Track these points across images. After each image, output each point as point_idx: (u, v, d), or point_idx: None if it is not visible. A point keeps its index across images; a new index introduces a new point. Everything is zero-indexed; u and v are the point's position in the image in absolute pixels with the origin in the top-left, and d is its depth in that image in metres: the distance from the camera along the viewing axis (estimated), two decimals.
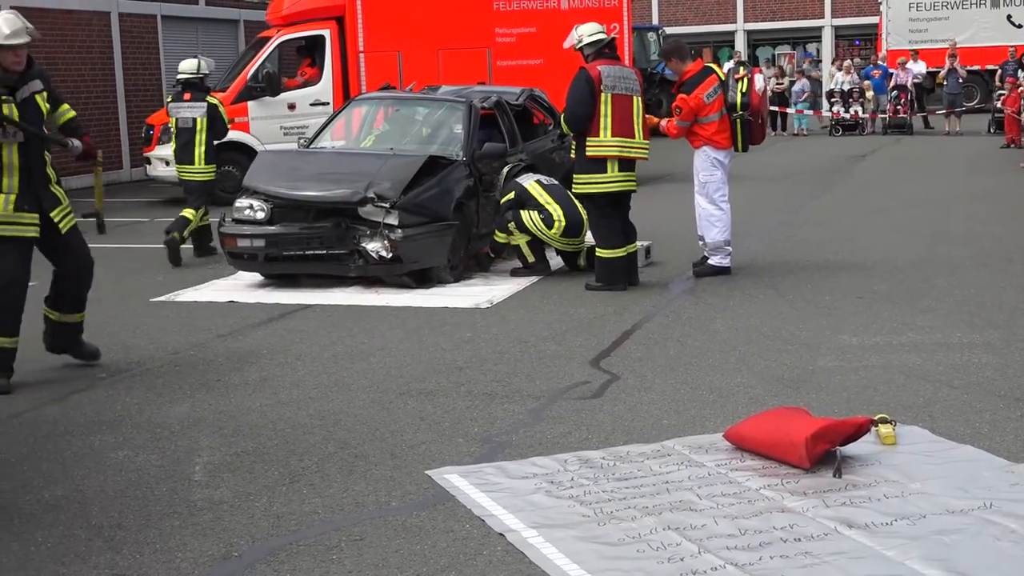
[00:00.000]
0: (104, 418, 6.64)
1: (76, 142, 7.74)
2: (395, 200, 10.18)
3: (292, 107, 18.63)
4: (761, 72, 10.96)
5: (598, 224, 10.08)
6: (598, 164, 9.91)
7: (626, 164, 10.01)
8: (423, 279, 10.39)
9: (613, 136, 9.87)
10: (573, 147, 10.30)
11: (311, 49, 19.42)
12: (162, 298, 10.30)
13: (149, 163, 19.01)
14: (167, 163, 18.37)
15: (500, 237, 10.86)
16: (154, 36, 24.42)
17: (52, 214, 7.46)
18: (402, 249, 10.12)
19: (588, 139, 9.92)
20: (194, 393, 7.13)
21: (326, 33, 18.79)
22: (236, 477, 5.57)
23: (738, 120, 10.42)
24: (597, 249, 10.11)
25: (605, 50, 10.18)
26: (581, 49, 10.19)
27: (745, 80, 10.57)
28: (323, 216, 10.40)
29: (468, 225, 10.88)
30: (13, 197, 7.30)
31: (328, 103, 18.58)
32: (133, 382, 7.47)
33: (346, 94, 18.56)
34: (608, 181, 9.94)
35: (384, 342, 8.38)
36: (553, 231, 10.62)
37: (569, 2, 19.03)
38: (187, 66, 13.04)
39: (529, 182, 10.88)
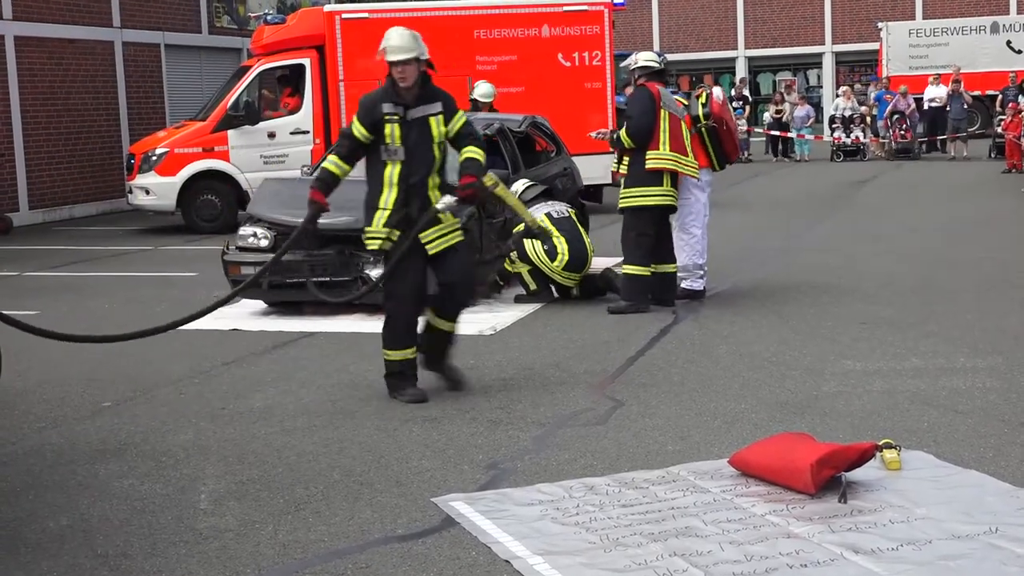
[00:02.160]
0: (109, 447, 6.65)
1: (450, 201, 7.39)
2: None
3: (272, 136, 18.65)
4: (719, 87, 11.45)
5: (635, 241, 10.17)
6: (655, 177, 10.11)
7: (675, 181, 10.27)
8: None
9: (670, 151, 10.11)
10: (624, 162, 10.36)
11: (292, 78, 19.41)
12: None
13: (130, 192, 19.06)
14: (147, 191, 18.50)
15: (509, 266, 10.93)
16: (157, 65, 24.53)
17: (421, 235, 7.35)
18: None
19: (648, 152, 10.09)
20: (198, 421, 7.14)
21: (306, 62, 18.80)
22: (241, 505, 5.57)
23: (703, 129, 10.59)
24: (624, 265, 10.22)
25: (661, 77, 10.54)
26: (633, 72, 10.51)
27: (704, 94, 10.83)
28: (326, 243, 10.42)
29: (471, 251, 10.87)
30: (387, 214, 7.36)
31: (308, 131, 18.65)
32: (137, 410, 7.47)
33: (326, 123, 18.60)
34: (662, 194, 10.17)
35: None
36: (555, 264, 10.66)
37: (550, 31, 19.11)
38: (482, 91, 13.62)
39: (539, 215, 10.91)
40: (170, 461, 6.32)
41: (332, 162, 7.51)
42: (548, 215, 10.95)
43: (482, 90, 14.54)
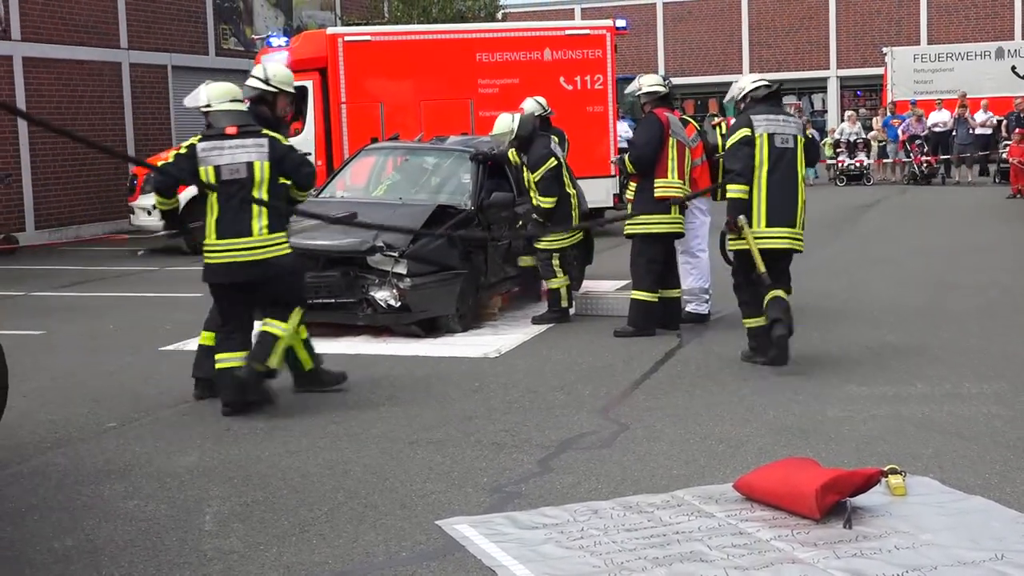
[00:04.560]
0: (114, 467, 6.65)
1: None
2: (404, 249, 10.22)
3: None
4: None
5: (646, 267, 10.20)
6: (663, 205, 10.12)
7: (683, 208, 10.32)
8: (431, 328, 10.42)
9: (679, 179, 10.15)
10: (631, 188, 10.39)
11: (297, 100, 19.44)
12: (171, 347, 10.32)
13: (132, 212, 19.12)
14: (149, 212, 18.56)
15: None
16: (164, 86, 24.62)
17: None
18: (410, 298, 10.15)
19: (656, 180, 10.11)
20: (203, 442, 7.14)
21: (309, 84, 18.87)
22: (246, 527, 5.57)
23: (720, 159, 10.60)
24: (634, 291, 10.24)
25: (668, 100, 10.58)
26: (638, 98, 10.50)
27: (723, 124, 10.85)
28: (332, 265, 10.44)
29: (476, 274, 10.92)
30: None
31: (310, 153, 18.71)
32: (142, 431, 7.47)
33: (328, 145, 18.66)
34: (670, 222, 10.21)
35: (393, 391, 8.39)
36: (571, 233, 11.04)
37: (552, 54, 19.17)
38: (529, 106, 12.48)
39: (562, 158, 11.26)
40: (175, 482, 6.32)
41: None
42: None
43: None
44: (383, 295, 10.19)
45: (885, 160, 30.06)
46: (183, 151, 7.78)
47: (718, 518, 5.45)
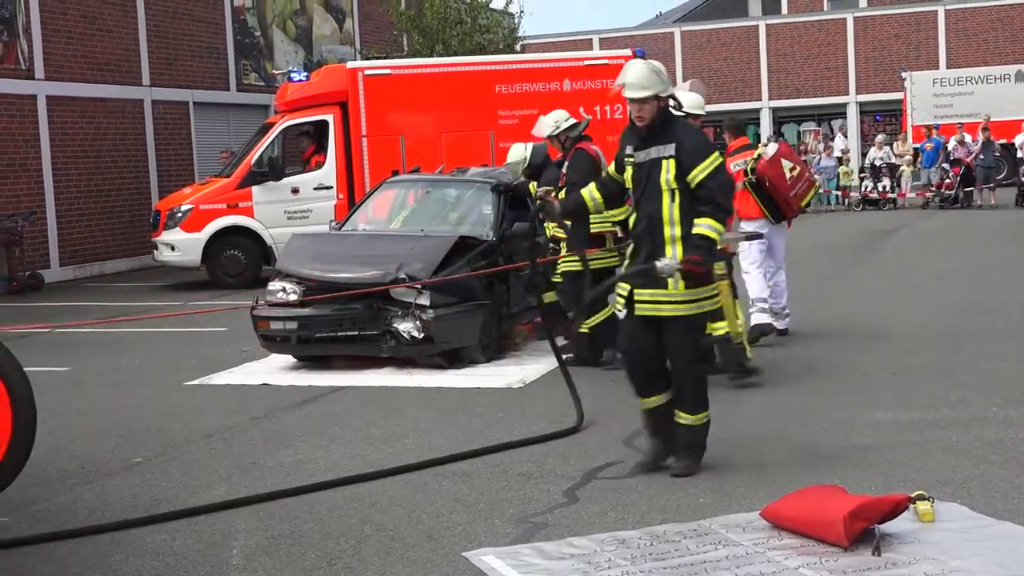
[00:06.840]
0: (140, 503, 6.67)
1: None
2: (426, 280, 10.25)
3: (296, 191, 18.88)
4: (775, 144, 10.64)
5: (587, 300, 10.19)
6: (599, 240, 10.08)
7: (617, 239, 10.28)
8: (455, 359, 10.43)
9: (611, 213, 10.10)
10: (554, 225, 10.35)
11: (318, 134, 19.63)
12: (196, 381, 10.36)
13: (156, 248, 19.30)
14: (172, 248, 18.73)
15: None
16: (186, 122, 24.80)
17: (636, 292, 6.77)
18: (434, 329, 10.16)
19: (593, 216, 10.04)
20: (229, 476, 7.16)
21: (329, 118, 19.00)
22: (273, 561, 5.57)
23: (746, 184, 10.59)
24: (584, 325, 10.27)
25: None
26: (557, 137, 10.59)
27: (759, 151, 10.88)
28: (355, 297, 10.47)
29: (499, 305, 10.93)
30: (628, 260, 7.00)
31: (332, 187, 18.86)
32: (168, 466, 7.50)
33: (350, 178, 18.79)
34: (605, 255, 10.15)
35: (417, 423, 8.40)
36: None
37: (571, 84, 19.22)
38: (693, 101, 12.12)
39: None
40: (201, 516, 6.33)
41: (589, 189, 7.24)
42: None
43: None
44: (406, 327, 10.21)
45: (911, 192, 29.96)
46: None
47: (745, 547, 5.43)
